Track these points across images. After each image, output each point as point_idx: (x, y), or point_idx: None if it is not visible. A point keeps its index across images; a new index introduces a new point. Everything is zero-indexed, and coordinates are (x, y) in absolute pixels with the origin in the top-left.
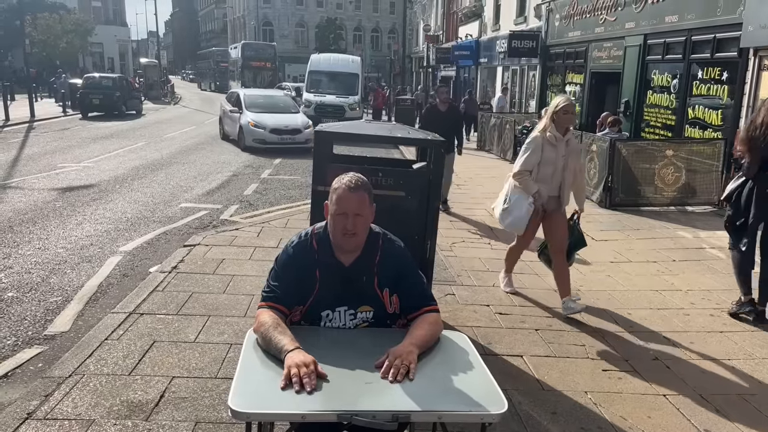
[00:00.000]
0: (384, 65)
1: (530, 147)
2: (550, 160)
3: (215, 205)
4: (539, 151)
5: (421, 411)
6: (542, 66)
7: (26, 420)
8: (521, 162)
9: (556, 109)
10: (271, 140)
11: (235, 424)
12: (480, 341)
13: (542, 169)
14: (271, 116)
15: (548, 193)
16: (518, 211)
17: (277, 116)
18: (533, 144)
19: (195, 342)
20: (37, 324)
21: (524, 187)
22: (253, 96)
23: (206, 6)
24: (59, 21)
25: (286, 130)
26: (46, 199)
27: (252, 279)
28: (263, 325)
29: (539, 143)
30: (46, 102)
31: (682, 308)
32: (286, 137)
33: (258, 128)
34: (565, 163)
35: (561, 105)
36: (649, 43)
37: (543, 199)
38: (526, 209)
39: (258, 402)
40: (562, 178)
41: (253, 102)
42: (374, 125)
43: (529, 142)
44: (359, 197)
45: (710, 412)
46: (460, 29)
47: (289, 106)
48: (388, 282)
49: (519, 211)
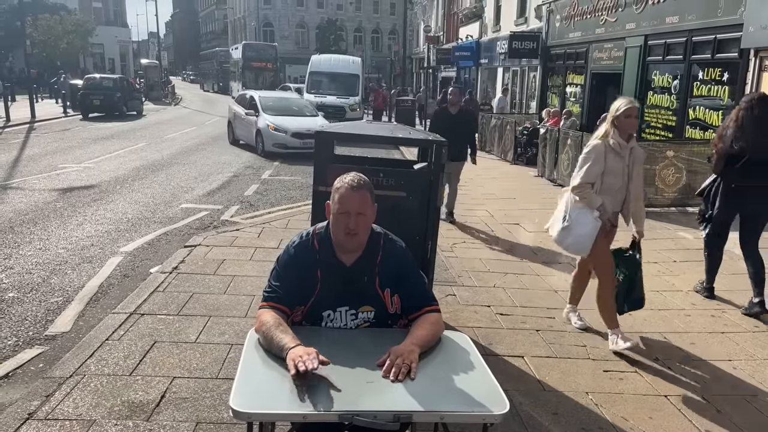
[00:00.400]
0: (384, 66)
1: (591, 156)
2: (615, 171)
3: (216, 206)
4: (602, 161)
5: (423, 411)
6: (543, 67)
7: (27, 420)
8: (582, 174)
9: (617, 113)
10: (293, 145)
11: (236, 425)
12: (481, 342)
13: (606, 180)
14: (293, 119)
15: (612, 208)
16: (582, 228)
17: (298, 119)
18: (594, 153)
19: (196, 342)
20: (38, 324)
21: (587, 201)
22: (269, 98)
23: (207, 7)
24: (60, 22)
25: (309, 134)
26: (46, 199)
27: (253, 279)
28: (265, 324)
29: (601, 151)
30: (47, 103)
31: (683, 309)
32: (309, 141)
33: (278, 132)
34: (630, 173)
35: (622, 108)
36: (649, 44)
37: (608, 213)
38: (591, 226)
39: (259, 402)
40: (626, 190)
41: (269, 104)
42: (375, 125)
43: (589, 150)
44: (362, 196)
45: (712, 413)
46: (461, 30)
47: (305, 108)
48: (389, 282)
49: (582, 228)
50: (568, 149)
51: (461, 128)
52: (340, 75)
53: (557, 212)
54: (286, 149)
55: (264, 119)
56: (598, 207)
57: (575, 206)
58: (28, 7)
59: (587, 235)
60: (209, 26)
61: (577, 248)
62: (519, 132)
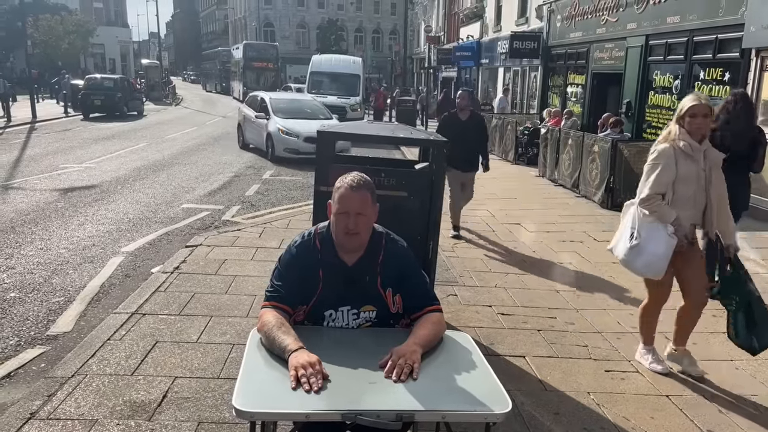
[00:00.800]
0: (385, 66)
1: (660, 162)
2: (689, 177)
3: (217, 206)
4: (672, 167)
5: (425, 410)
6: (544, 67)
7: (29, 420)
8: (650, 183)
9: (681, 113)
10: (305, 150)
11: (237, 425)
12: (482, 342)
13: (679, 189)
14: (305, 123)
15: (690, 221)
16: (654, 246)
17: (312, 123)
18: (663, 157)
19: (197, 342)
20: (40, 324)
21: (659, 215)
22: (280, 100)
23: (207, 7)
24: (61, 22)
25: None
26: (48, 199)
27: (254, 279)
28: (267, 324)
29: (671, 155)
30: (48, 103)
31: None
32: None
33: (290, 136)
34: (708, 179)
35: (686, 107)
36: (650, 44)
37: (685, 228)
38: (665, 244)
39: (262, 401)
40: (706, 199)
41: (281, 107)
42: (376, 125)
43: (657, 156)
44: (361, 196)
45: (713, 413)
46: (462, 30)
47: (319, 111)
48: (391, 282)
49: (656, 246)
50: (569, 149)
51: (472, 135)
52: (340, 75)
53: (621, 230)
54: (298, 154)
55: (274, 122)
56: (673, 221)
57: (644, 221)
58: (29, 7)
59: (661, 255)
60: (210, 26)
61: (651, 270)
62: (520, 132)
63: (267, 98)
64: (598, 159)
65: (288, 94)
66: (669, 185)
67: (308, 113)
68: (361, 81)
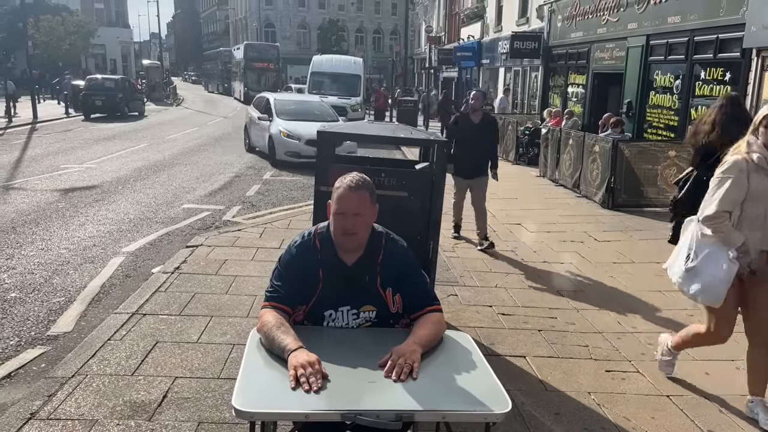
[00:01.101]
0: (386, 66)
1: (730, 175)
2: (761, 194)
3: (218, 206)
4: (744, 183)
5: (425, 410)
6: (544, 67)
7: (29, 420)
8: (718, 199)
9: (757, 122)
10: (307, 153)
11: (237, 425)
12: (483, 342)
13: (749, 210)
14: (309, 125)
15: (759, 246)
16: (714, 269)
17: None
18: (735, 170)
19: (198, 342)
20: (40, 324)
21: (725, 236)
22: (286, 101)
23: (208, 8)
24: (62, 23)
25: None
26: (48, 200)
27: (254, 279)
28: (266, 324)
29: (743, 170)
30: (49, 103)
31: (685, 309)
32: None
33: (291, 139)
34: None
35: (762, 115)
36: (651, 44)
37: (750, 256)
38: (726, 268)
39: (262, 401)
40: None
41: (286, 108)
42: (377, 125)
43: (728, 168)
44: (360, 197)
45: (714, 413)
46: (462, 30)
47: (326, 113)
48: (390, 281)
49: (715, 269)
50: (569, 149)
51: (485, 139)
52: (341, 75)
53: (678, 249)
54: (299, 158)
55: (277, 124)
56: (739, 247)
57: (703, 241)
58: (30, 8)
59: (721, 280)
60: (211, 27)
61: (708, 296)
62: (521, 132)
63: (271, 99)
64: (598, 159)
65: (294, 96)
66: (738, 203)
67: (317, 115)
68: (362, 81)
